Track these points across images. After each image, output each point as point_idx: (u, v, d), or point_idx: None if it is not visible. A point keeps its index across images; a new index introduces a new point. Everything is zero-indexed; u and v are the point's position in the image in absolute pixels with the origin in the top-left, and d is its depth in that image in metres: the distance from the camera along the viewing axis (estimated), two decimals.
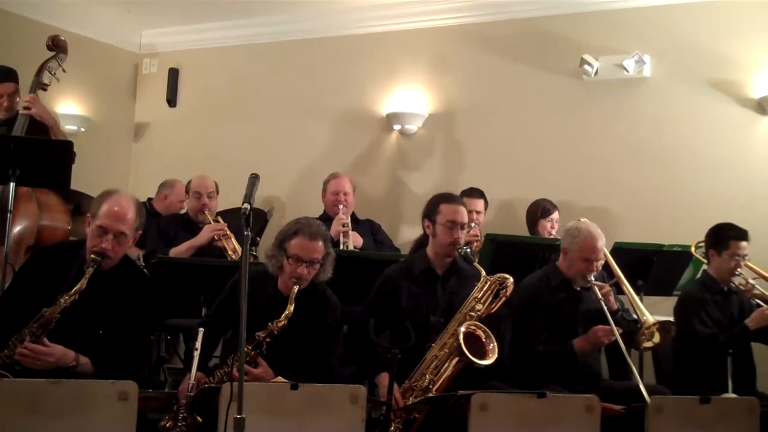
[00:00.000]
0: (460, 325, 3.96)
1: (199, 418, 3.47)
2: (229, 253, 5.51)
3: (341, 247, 5.49)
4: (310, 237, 4.01)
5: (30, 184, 4.84)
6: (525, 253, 5.08)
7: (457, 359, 3.89)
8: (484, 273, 4.09)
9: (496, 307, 4.04)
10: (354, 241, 5.71)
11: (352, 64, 7.46)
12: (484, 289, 4.08)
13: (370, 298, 4.35)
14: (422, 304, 4.21)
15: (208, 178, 5.92)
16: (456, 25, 7.04)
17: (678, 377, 4.75)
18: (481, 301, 4.05)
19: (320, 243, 4.04)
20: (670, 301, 5.11)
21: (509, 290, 4.05)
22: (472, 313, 4.01)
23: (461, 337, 3.86)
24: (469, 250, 4.27)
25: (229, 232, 5.60)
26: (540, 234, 5.89)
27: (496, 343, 3.91)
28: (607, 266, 4.59)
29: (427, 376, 3.94)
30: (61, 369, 3.49)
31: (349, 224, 5.77)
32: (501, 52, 6.83)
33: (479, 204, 6.05)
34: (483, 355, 3.88)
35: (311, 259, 4.00)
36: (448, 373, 3.91)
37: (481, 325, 3.96)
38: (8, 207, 4.57)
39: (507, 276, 4.08)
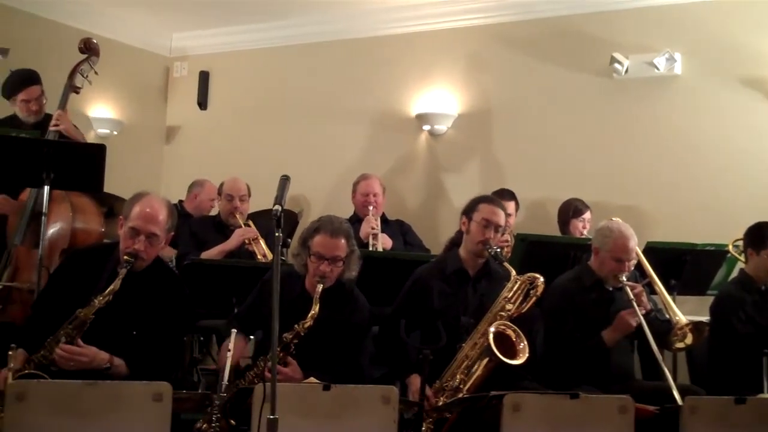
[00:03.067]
0: (490, 325, 3.94)
1: (232, 420, 3.48)
2: (259, 257, 5.53)
3: (370, 249, 5.49)
4: (331, 234, 4.01)
5: (64, 187, 4.89)
6: (556, 253, 5.05)
7: (487, 359, 3.88)
8: (514, 273, 4.08)
9: (526, 307, 4.03)
10: (383, 243, 5.71)
11: (381, 65, 7.46)
12: (514, 289, 4.06)
13: (400, 299, 4.34)
14: (453, 304, 4.20)
15: (241, 181, 5.95)
16: (485, 24, 7.02)
17: (712, 377, 4.70)
18: (512, 300, 4.03)
19: (342, 240, 4.03)
20: (703, 301, 5.06)
21: (539, 290, 4.03)
22: (503, 313, 4.00)
23: (491, 337, 3.85)
24: (499, 250, 4.25)
25: (259, 236, 5.61)
26: (571, 234, 5.85)
27: (526, 343, 3.90)
28: (639, 266, 4.56)
29: (458, 376, 3.94)
30: (95, 370, 3.53)
31: (379, 227, 5.77)
32: (530, 51, 6.80)
33: (510, 206, 6.00)
34: (513, 355, 3.87)
35: (333, 256, 3.99)
36: (479, 373, 3.90)
37: (511, 324, 3.95)
38: (43, 210, 4.63)
39: (537, 275, 4.07)
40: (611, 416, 3.40)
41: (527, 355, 3.87)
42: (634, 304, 4.20)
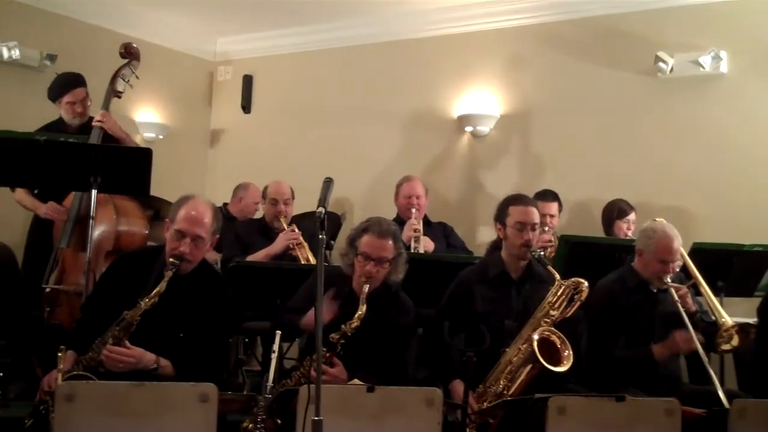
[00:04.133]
0: (534, 330, 3.92)
1: (278, 420, 3.51)
2: (302, 261, 5.55)
3: (412, 251, 5.49)
4: (379, 235, 4.02)
5: (110, 191, 4.96)
6: (600, 254, 5.01)
7: (531, 366, 3.84)
8: (558, 277, 4.03)
9: (570, 312, 3.98)
10: (425, 245, 5.70)
11: (423, 67, 7.46)
12: (559, 293, 4.02)
13: (444, 301, 4.34)
14: (497, 308, 4.17)
15: (285, 184, 5.97)
16: (527, 25, 6.98)
17: (760, 380, 4.62)
18: (556, 306, 3.99)
19: (390, 242, 4.04)
20: (751, 303, 4.99)
21: (584, 295, 3.99)
22: (547, 319, 3.96)
23: (535, 343, 3.82)
24: (543, 253, 4.21)
25: (302, 241, 5.64)
26: (616, 235, 5.80)
27: (571, 351, 3.85)
28: (685, 267, 4.51)
29: (502, 381, 3.91)
30: (142, 371, 3.58)
31: (421, 229, 5.77)
32: (573, 51, 6.76)
33: (553, 207, 5.98)
34: (557, 362, 3.83)
35: (379, 257, 4.00)
36: (522, 378, 3.87)
37: (556, 331, 3.91)
38: (90, 214, 4.69)
39: (582, 280, 4.02)
40: (658, 419, 3.36)
41: (571, 362, 3.83)
42: (679, 306, 4.16)
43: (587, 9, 6.67)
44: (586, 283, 4.00)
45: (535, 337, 3.85)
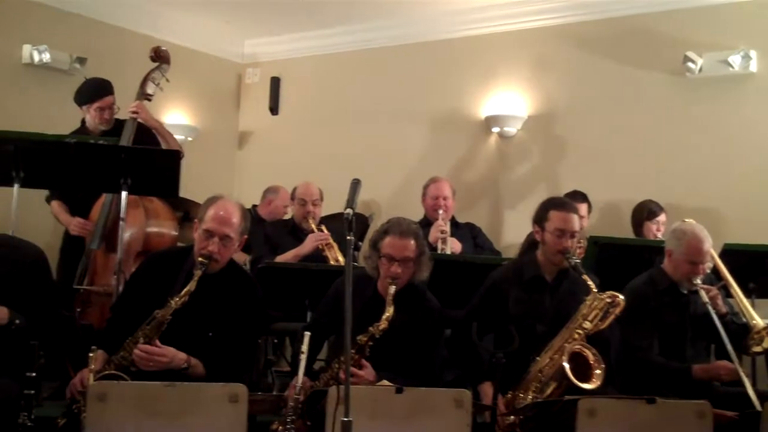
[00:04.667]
0: (566, 341, 3.85)
1: (307, 422, 3.52)
2: (331, 262, 5.57)
3: (439, 253, 5.49)
4: (400, 235, 4.02)
5: (141, 192, 5.00)
6: (630, 255, 4.98)
7: (561, 381, 3.77)
8: (594, 288, 3.92)
9: (604, 326, 3.88)
10: (452, 246, 5.69)
11: (449, 68, 7.46)
12: (594, 306, 3.91)
13: (475, 302, 4.30)
14: (529, 311, 4.12)
15: (313, 185, 5.99)
16: (554, 25, 6.96)
17: None
18: (590, 318, 3.89)
19: (411, 241, 4.03)
20: None
21: (619, 309, 3.88)
22: (580, 331, 3.86)
23: (566, 362, 3.74)
24: (579, 261, 4.09)
25: (332, 241, 5.65)
26: (645, 236, 5.77)
27: (604, 368, 3.76)
28: (715, 269, 4.47)
29: (531, 393, 3.85)
30: (173, 370, 3.60)
31: (448, 230, 5.76)
32: (600, 51, 6.73)
33: (582, 208, 5.93)
34: (588, 378, 3.75)
35: (403, 257, 4.00)
36: (550, 392, 3.81)
37: (590, 347, 3.81)
38: (121, 215, 4.73)
39: (618, 294, 3.90)
40: (689, 421, 3.34)
41: (602, 380, 3.74)
42: (710, 308, 4.12)
43: (615, 9, 6.65)
44: (621, 297, 3.89)
45: (569, 351, 3.77)
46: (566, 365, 3.73)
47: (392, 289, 3.93)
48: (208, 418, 3.08)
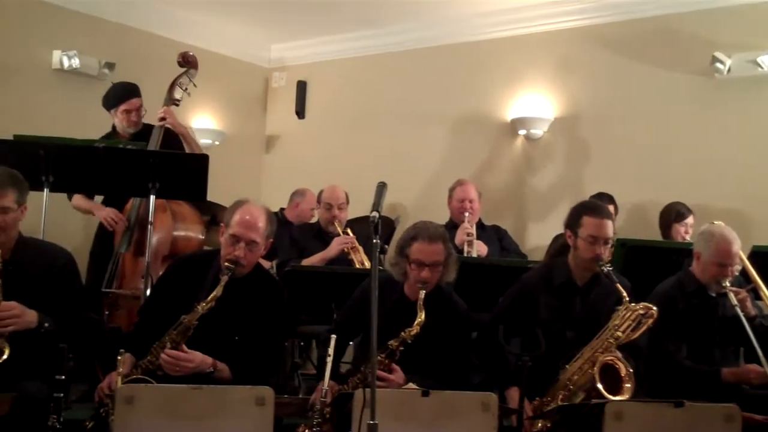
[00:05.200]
0: (596, 351, 3.79)
1: (333, 424, 3.53)
2: (357, 265, 5.57)
3: (465, 255, 5.48)
4: (429, 240, 4.00)
5: (168, 196, 5.04)
6: (657, 258, 4.94)
7: (590, 392, 3.72)
8: (627, 299, 3.85)
9: (636, 336, 3.81)
10: (479, 249, 5.68)
11: (474, 71, 7.45)
12: (626, 317, 3.83)
13: (503, 305, 4.28)
14: (559, 316, 4.07)
15: (339, 189, 6.01)
16: (580, 27, 6.93)
17: None
18: (621, 329, 3.81)
19: (440, 245, 4.01)
20: None
21: (651, 321, 3.80)
22: (611, 340, 3.80)
23: (597, 375, 3.69)
24: (611, 268, 4.00)
25: (357, 245, 5.66)
26: (673, 239, 5.72)
27: (634, 383, 3.70)
28: (744, 271, 4.43)
29: (559, 402, 3.80)
30: (200, 374, 3.62)
31: (474, 233, 5.75)
32: (627, 52, 6.68)
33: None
34: (618, 390, 3.69)
35: (433, 261, 3.98)
36: (578, 402, 3.75)
37: (623, 360, 3.75)
38: (149, 219, 4.77)
39: (651, 306, 3.83)
40: (717, 425, 3.31)
41: (632, 393, 3.69)
42: (738, 310, 4.08)
43: (642, 10, 6.60)
44: (655, 308, 3.82)
45: (600, 362, 3.72)
46: (597, 379, 3.69)
47: (422, 293, 3.92)
48: (234, 421, 3.10)
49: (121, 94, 5.55)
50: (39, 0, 6.77)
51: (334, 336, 3.63)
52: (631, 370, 3.73)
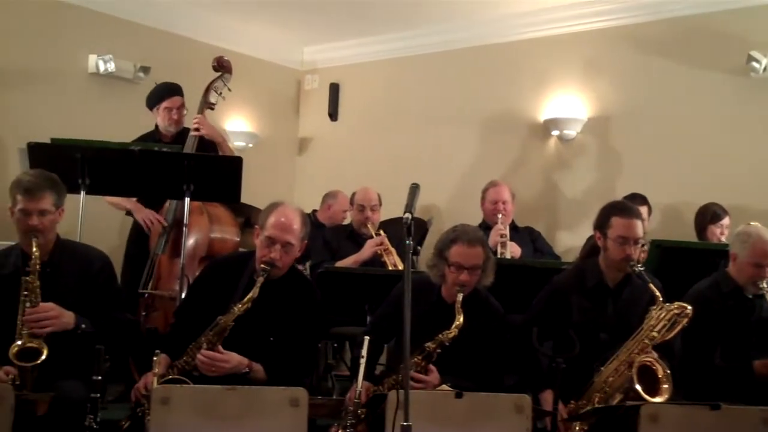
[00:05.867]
0: (631, 353, 3.75)
1: (367, 425, 3.54)
2: (389, 267, 5.57)
3: (499, 257, 5.46)
4: (468, 243, 3.99)
5: (203, 198, 5.07)
6: (693, 259, 4.90)
7: (627, 394, 3.69)
8: (661, 298, 3.81)
9: (671, 336, 3.77)
10: (512, 251, 5.66)
11: (507, 72, 7.43)
12: (661, 317, 3.79)
13: (536, 307, 4.26)
14: (592, 318, 4.05)
15: (372, 190, 6.01)
16: (612, 27, 6.87)
17: None
18: (656, 329, 3.77)
19: (479, 248, 4.01)
20: None
21: (687, 320, 3.76)
22: (647, 341, 3.76)
23: (635, 376, 3.65)
24: (643, 268, 3.97)
25: (390, 247, 5.66)
26: (709, 240, 5.67)
27: (671, 384, 3.66)
28: None
29: (595, 404, 3.76)
30: (235, 375, 3.64)
31: (508, 235, 5.73)
32: (661, 52, 6.63)
33: (643, 211, 5.83)
34: (655, 391, 3.64)
35: (472, 265, 3.98)
36: (615, 403, 3.72)
37: (660, 361, 3.72)
38: (184, 221, 4.81)
39: (686, 305, 3.79)
40: (754, 428, 3.28)
41: (669, 395, 3.64)
42: None
43: (672, 9, 6.53)
44: (689, 308, 3.78)
45: (638, 363, 3.68)
46: (636, 380, 3.64)
47: (460, 296, 3.92)
48: (269, 421, 3.12)
49: (162, 92, 5.61)
50: (75, 5, 6.86)
51: (367, 337, 3.63)
52: (668, 371, 3.69)
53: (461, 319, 3.85)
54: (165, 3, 7.35)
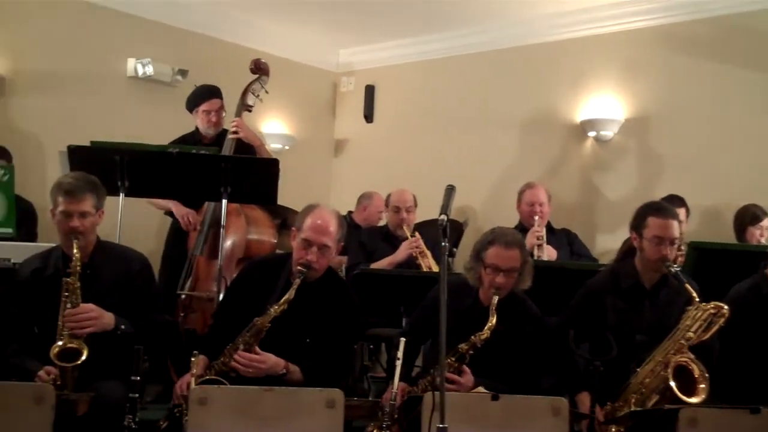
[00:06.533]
0: (668, 353, 3.71)
1: (403, 427, 3.54)
2: (425, 269, 5.57)
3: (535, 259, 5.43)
4: (506, 246, 3.98)
5: (240, 200, 5.11)
6: (731, 261, 4.84)
7: (665, 395, 3.65)
8: (697, 298, 3.76)
9: (707, 336, 3.71)
10: (548, 253, 5.63)
11: (543, 72, 7.39)
12: (697, 317, 3.74)
13: (572, 309, 4.22)
14: (628, 320, 4.01)
15: (407, 192, 6.01)
16: (649, 26, 6.81)
17: None
18: (693, 329, 3.72)
19: (517, 251, 3.99)
20: None
21: (724, 320, 3.70)
22: (683, 342, 3.71)
23: (672, 378, 3.61)
24: (679, 268, 3.94)
25: (425, 249, 5.66)
26: (748, 242, 5.60)
27: (708, 384, 3.60)
28: None
29: (632, 406, 3.71)
30: (271, 376, 3.67)
31: (544, 237, 5.70)
32: (701, 51, 6.55)
33: (680, 213, 5.73)
34: (692, 392, 3.59)
35: (509, 267, 3.96)
36: (651, 404, 3.68)
37: (696, 361, 3.66)
38: (221, 223, 4.85)
39: (723, 305, 3.73)
40: None
41: (706, 395, 3.59)
42: None
43: (711, 8, 6.45)
44: (726, 308, 3.72)
45: (674, 364, 3.63)
46: (672, 381, 3.60)
47: (495, 298, 3.91)
48: (305, 422, 3.14)
49: (202, 95, 5.66)
50: (113, 9, 6.94)
51: (403, 339, 3.64)
52: (705, 371, 3.65)
53: (494, 321, 3.83)
54: (203, 6, 7.42)
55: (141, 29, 7.14)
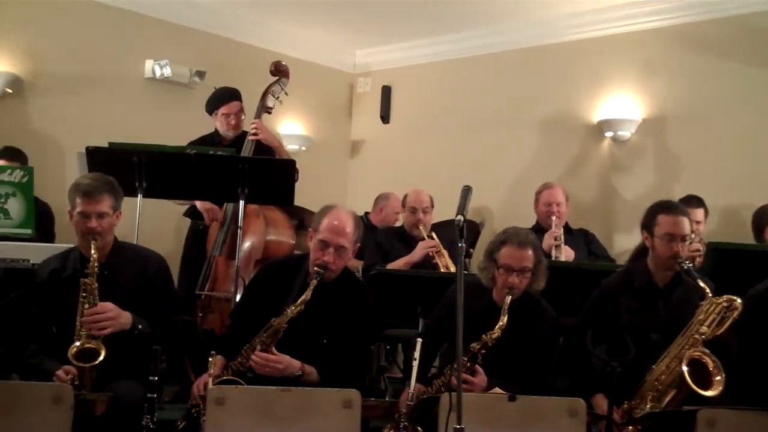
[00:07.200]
0: (683, 348, 3.70)
1: (419, 428, 3.54)
2: (441, 269, 5.57)
3: (553, 260, 5.42)
4: (518, 245, 3.97)
5: (257, 201, 5.12)
6: (750, 262, 4.81)
7: (680, 389, 3.63)
8: (709, 293, 3.76)
9: (721, 331, 3.70)
10: (566, 254, 5.61)
11: (559, 73, 7.38)
12: (710, 311, 3.74)
13: (586, 310, 4.22)
14: (642, 319, 4.00)
15: (424, 192, 6.01)
16: (667, 26, 6.78)
17: None
18: (706, 323, 3.71)
19: (529, 251, 3.99)
20: None
21: (737, 313, 3.69)
22: (697, 336, 3.70)
23: (686, 369, 3.60)
24: (692, 264, 3.93)
25: (442, 249, 5.66)
26: (766, 242, 5.56)
27: (724, 376, 3.60)
28: None
29: (649, 402, 3.73)
30: (288, 377, 3.67)
31: (562, 237, 5.69)
32: (717, 51, 6.51)
33: (699, 213, 5.74)
34: (708, 385, 3.59)
35: (521, 267, 3.96)
36: (669, 400, 3.68)
37: (710, 354, 3.65)
38: (239, 224, 4.86)
39: (735, 298, 3.72)
40: None
41: (722, 387, 3.58)
42: None
43: (728, 8, 6.41)
44: (739, 300, 3.72)
45: (688, 357, 3.63)
46: (686, 370, 3.59)
47: (508, 298, 3.91)
48: (322, 422, 3.15)
49: (220, 98, 5.68)
50: (131, 11, 6.99)
51: (420, 339, 3.64)
52: (719, 364, 3.62)
53: (505, 320, 3.82)
54: (220, 8, 7.45)
55: (159, 31, 7.18)
